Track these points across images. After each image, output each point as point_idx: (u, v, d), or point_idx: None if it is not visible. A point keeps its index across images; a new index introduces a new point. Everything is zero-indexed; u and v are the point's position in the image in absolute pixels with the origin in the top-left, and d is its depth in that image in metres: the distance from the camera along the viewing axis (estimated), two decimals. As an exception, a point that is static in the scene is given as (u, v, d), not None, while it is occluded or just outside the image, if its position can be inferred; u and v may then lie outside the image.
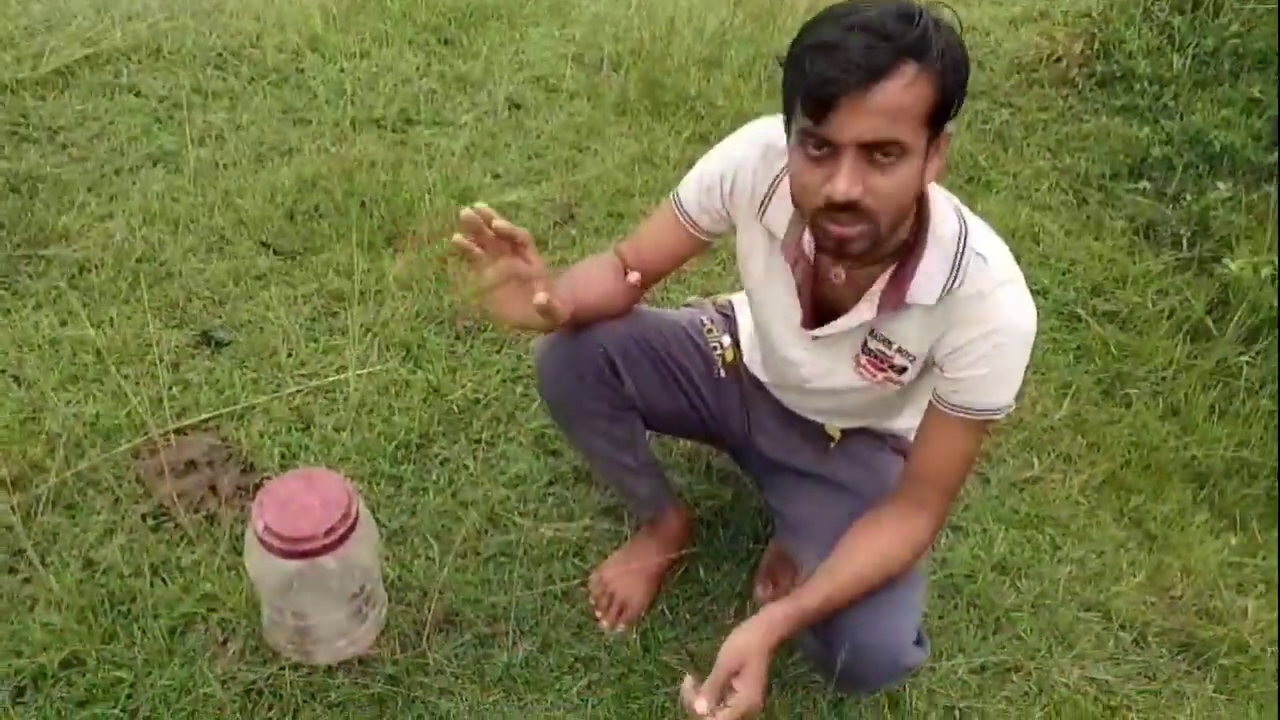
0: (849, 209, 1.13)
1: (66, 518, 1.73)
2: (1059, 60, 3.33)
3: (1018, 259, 1.29)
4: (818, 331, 1.37)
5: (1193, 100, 3.07)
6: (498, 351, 2.20)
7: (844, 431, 1.60)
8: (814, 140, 1.12)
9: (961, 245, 1.24)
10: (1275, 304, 2.47)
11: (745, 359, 1.66)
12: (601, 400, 1.56)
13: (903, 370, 1.36)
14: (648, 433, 1.70)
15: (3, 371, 1.99)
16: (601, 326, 1.51)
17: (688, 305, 1.78)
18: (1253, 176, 2.86)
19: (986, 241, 1.27)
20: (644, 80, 3.19)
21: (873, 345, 1.35)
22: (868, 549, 1.33)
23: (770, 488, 1.68)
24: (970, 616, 1.85)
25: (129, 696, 1.49)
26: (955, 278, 1.24)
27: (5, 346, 2.03)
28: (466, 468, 1.93)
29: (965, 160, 3.04)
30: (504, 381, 2.12)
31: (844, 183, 1.10)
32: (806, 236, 1.31)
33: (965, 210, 1.29)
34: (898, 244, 1.26)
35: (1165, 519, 2.12)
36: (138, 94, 2.89)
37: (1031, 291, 2.63)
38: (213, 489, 1.82)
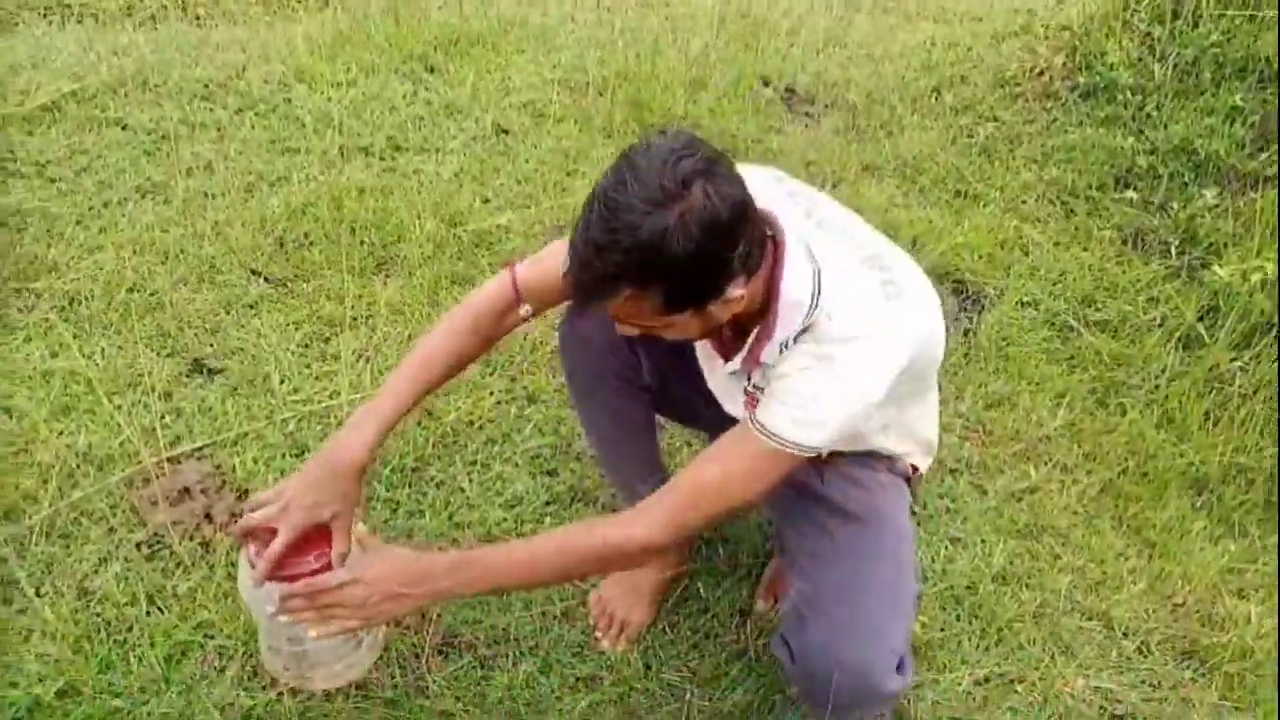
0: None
1: (61, 548, 1.71)
2: (1041, 73, 3.36)
3: (1006, 270, 1.29)
4: (728, 367, 1.39)
5: (1175, 109, 3.10)
6: (491, 374, 2.19)
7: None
8: None
9: (812, 310, 1.23)
10: (1266, 309, 2.48)
11: None
12: (618, 377, 1.58)
13: None
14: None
15: (-7, 404, 1.98)
16: None
17: None
18: (1238, 183, 2.88)
19: (845, 301, 1.23)
20: (630, 103, 3.21)
21: (749, 387, 1.38)
22: (575, 536, 1.32)
23: (768, 501, 1.66)
24: (972, 628, 1.84)
25: (125, 728, 1.47)
26: (796, 336, 1.25)
27: (-5, 379, 2.02)
28: (462, 490, 1.92)
29: (952, 174, 3.06)
30: (498, 403, 2.12)
31: (621, 329, 1.23)
32: None
33: (828, 254, 1.26)
34: (754, 318, 1.28)
35: (1164, 526, 2.11)
36: (125, 127, 2.89)
37: (1023, 303, 2.65)
38: (207, 516, 1.81)
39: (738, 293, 1.17)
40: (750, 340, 1.30)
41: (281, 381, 2.10)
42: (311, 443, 1.97)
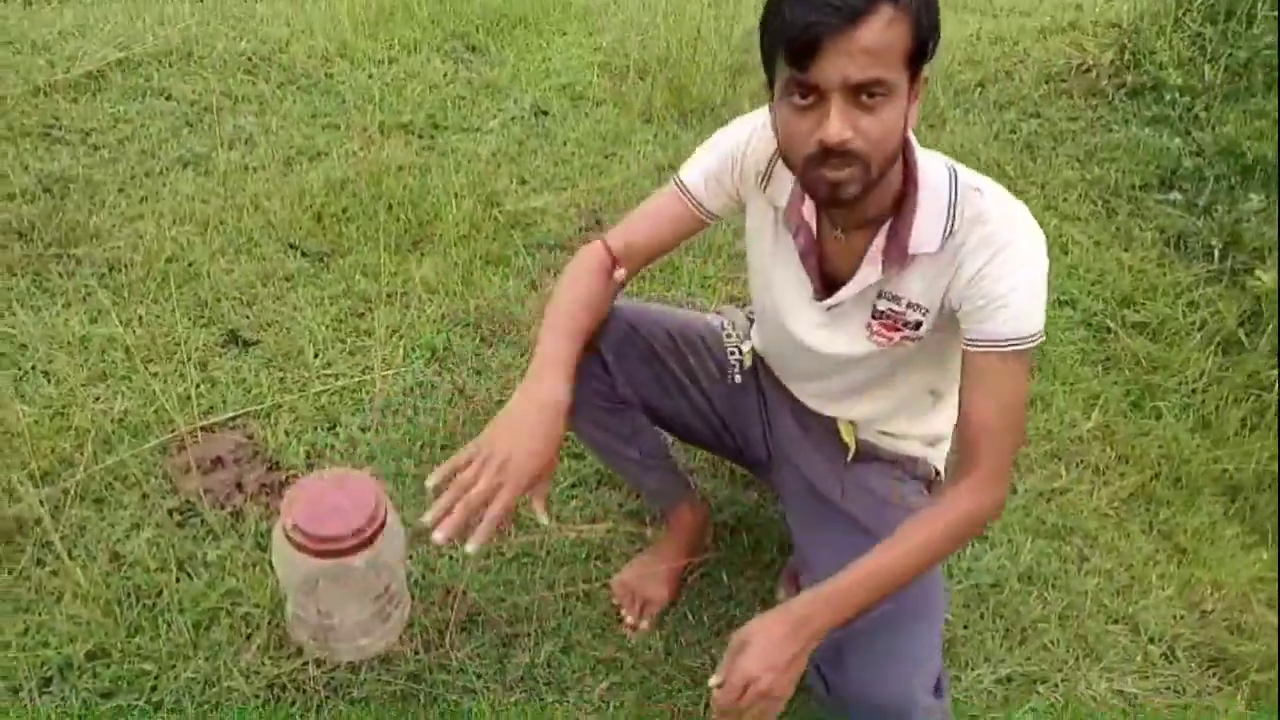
0: (840, 154, 1.13)
1: (94, 511, 1.74)
2: (1089, 70, 3.31)
3: (1049, 268, 1.27)
4: (829, 301, 1.36)
5: (1225, 111, 3.05)
6: (522, 355, 2.20)
7: (861, 447, 1.55)
8: (800, 89, 1.13)
9: (954, 187, 1.25)
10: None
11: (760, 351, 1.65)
12: (596, 395, 1.56)
13: (917, 325, 1.33)
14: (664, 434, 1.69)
15: (33, 368, 2.01)
16: (601, 325, 1.51)
17: (718, 312, 1.76)
18: (1286, 188, 2.83)
19: (980, 178, 1.27)
20: (670, 88, 3.20)
21: (882, 306, 1.34)
22: (913, 530, 1.28)
23: (788, 510, 1.65)
24: (996, 626, 1.82)
25: (153, 689, 1.49)
26: (954, 219, 1.25)
27: (36, 343, 2.05)
28: (491, 469, 1.92)
29: (992, 170, 3.02)
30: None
31: (835, 125, 1.11)
32: (806, 205, 1.32)
33: (955, 163, 1.30)
34: (891, 198, 1.27)
35: (1195, 532, 2.08)
36: (168, 98, 2.93)
37: (1060, 302, 2.62)
38: (238, 486, 1.83)
39: (921, 94, 1.18)
40: (888, 225, 1.28)
41: (315, 355, 2.12)
42: (344, 416, 1.99)
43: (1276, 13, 3.03)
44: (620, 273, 1.46)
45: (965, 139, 3.13)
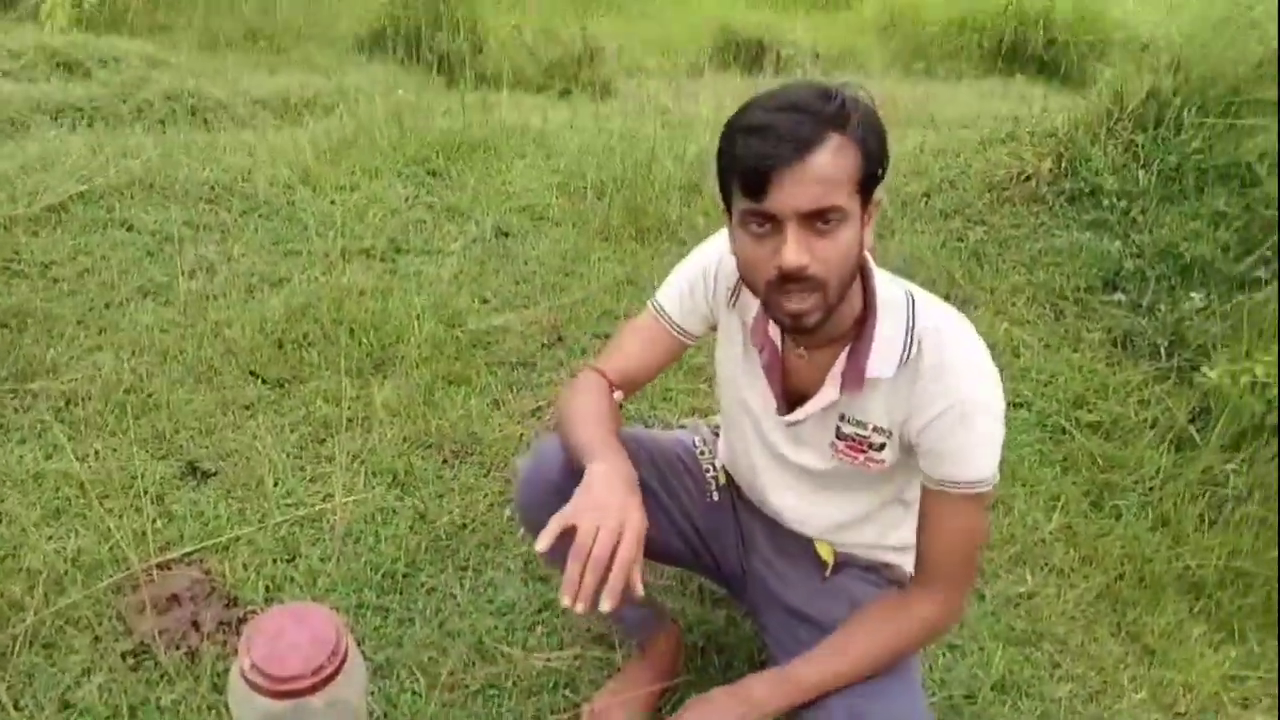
0: (799, 279, 1.17)
1: (44, 658, 1.68)
2: (1028, 179, 3.44)
3: (1001, 372, 1.31)
4: (791, 417, 1.39)
5: (1160, 214, 3.16)
6: (485, 475, 2.19)
7: (837, 557, 1.56)
8: (756, 218, 1.17)
9: (911, 317, 1.29)
10: (1256, 411, 2.49)
11: (735, 478, 1.65)
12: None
13: (881, 448, 1.36)
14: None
15: (-16, 508, 1.97)
16: None
17: (682, 427, 1.78)
18: (1224, 286, 2.92)
19: (939, 314, 1.31)
20: (627, 207, 3.28)
21: (847, 430, 1.37)
22: (870, 625, 1.34)
23: (765, 628, 1.63)
24: (972, 739, 1.80)
25: None
26: (909, 348, 1.28)
27: (-12, 482, 2.02)
28: (454, 596, 1.90)
29: (943, 277, 3.11)
30: (491, 506, 2.11)
31: (792, 252, 1.15)
32: (771, 323, 1.36)
33: (914, 287, 1.34)
34: (851, 319, 1.30)
35: (1163, 632, 2.09)
36: (130, 228, 2.95)
37: (1015, 404, 2.67)
38: (195, 625, 1.78)
39: (875, 217, 1.23)
40: (849, 347, 1.31)
41: (275, 484, 2.10)
42: (304, 547, 1.96)
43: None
44: (618, 394, 1.49)
45: (914, 247, 3.22)
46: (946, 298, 3.00)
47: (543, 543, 1.18)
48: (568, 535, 1.18)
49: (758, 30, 6.09)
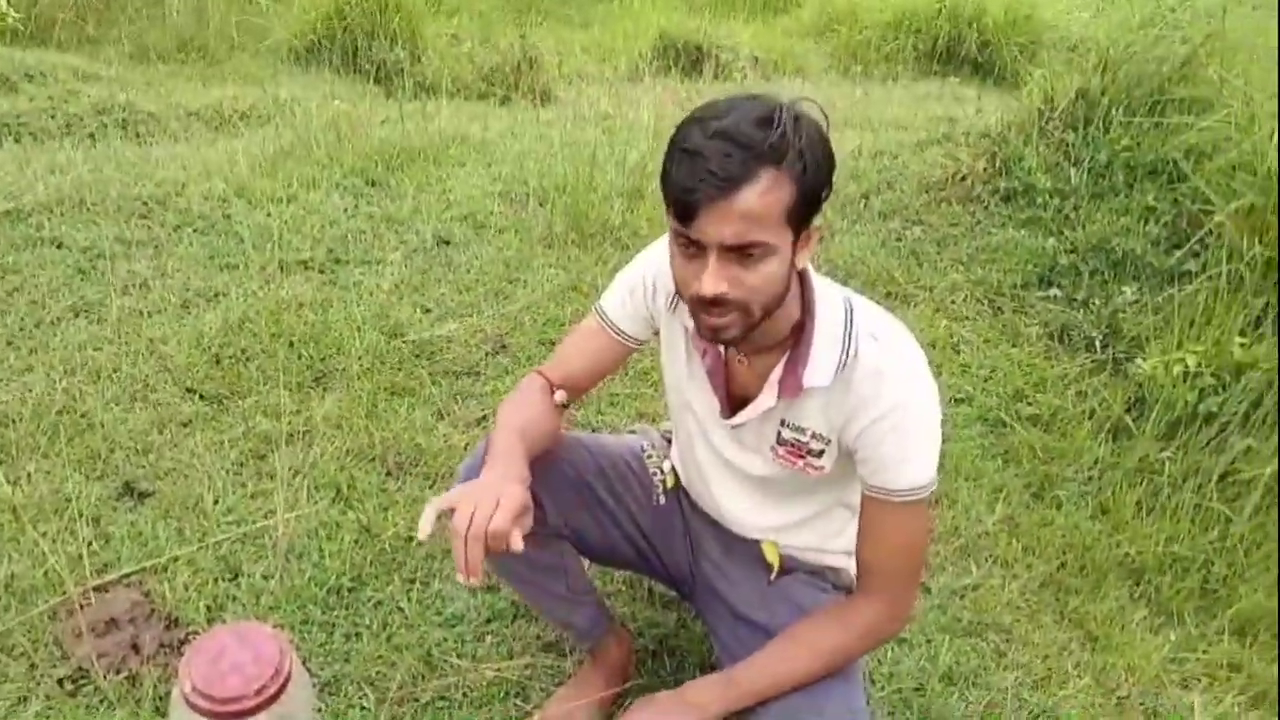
0: (718, 303, 1.19)
1: (-24, 689, 1.63)
2: (964, 178, 3.50)
3: (939, 369, 1.33)
4: (733, 420, 1.40)
5: (1092, 210, 3.24)
6: (430, 486, 2.17)
7: (784, 561, 1.56)
8: (683, 239, 1.19)
9: (849, 325, 1.30)
10: (1189, 400, 2.56)
11: (683, 480, 1.66)
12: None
13: (820, 454, 1.38)
14: (585, 561, 1.67)
15: (-90, 536, 1.91)
16: None
17: (631, 432, 1.78)
18: (1155, 279, 3.00)
19: (877, 322, 1.32)
20: (569, 213, 3.28)
21: (786, 435, 1.39)
22: (814, 632, 1.35)
23: (714, 631, 1.63)
24: (921, 731, 1.82)
25: None
26: (845, 356, 1.29)
27: (-86, 509, 1.95)
28: (401, 609, 1.88)
29: (883, 277, 3.15)
30: (438, 517, 2.08)
31: (709, 282, 1.17)
32: None
33: (853, 295, 1.36)
34: (789, 328, 1.32)
35: (1105, 618, 2.13)
36: (60, 246, 2.88)
37: (956, 400, 2.71)
38: (134, 648, 1.74)
39: (815, 241, 1.24)
40: (787, 356, 1.32)
41: (215, 502, 2.06)
42: (246, 565, 1.92)
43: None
44: (560, 394, 1.50)
45: (854, 249, 3.26)
46: (887, 296, 3.07)
47: (423, 530, 1.21)
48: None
49: (696, 35, 6.11)
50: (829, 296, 1.33)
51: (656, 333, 1.51)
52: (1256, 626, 2.18)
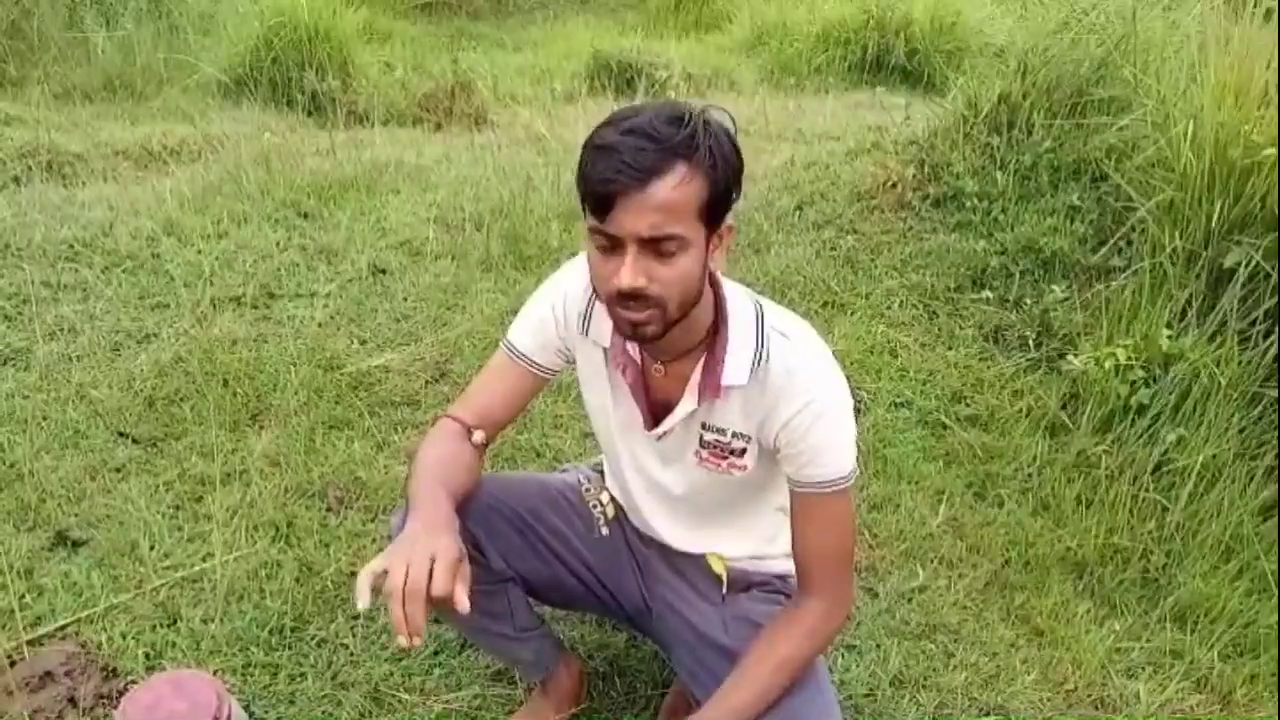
0: (636, 297, 1.21)
1: (-99, 756, 1.58)
2: (894, 186, 3.55)
3: (877, 375, 1.36)
4: (658, 430, 1.42)
5: (1020, 212, 3.30)
6: (371, 520, 2.15)
7: (732, 574, 1.56)
8: (600, 235, 1.21)
9: (760, 324, 1.35)
10: (1122, 394, 2.61)
11: (624, 506, 1.65)
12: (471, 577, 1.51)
13: (742, 453, 1.40)
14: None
15: None
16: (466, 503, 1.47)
17: (563, 470, 1.77)
18: (1084, 277, 3.07)
19: (785, 322, 1.37)
20: (506, 237, 3.27)
21: (708, 438, 1.41)
22: (764, 650, 1.36)
23: (679, 662, 1.61)
24: (874, 736, 1.83)
25: None
26: (760, 354, 1.33)
27: None
28: (346, 646, 1.85)
29: (819, 286, 3.18)
30: (379, 551, 2.06)
31: (627, 275, 1.20)
32: (630, 344, 1.38)
33: (761, 298, 1.40)
34: (704, 331, 1.35)
35: (1050, 612, 2.16)
36: (-18, 293, 2.81)
37: (895, 404, 2.74)
38: (71, 701, 1.70)
39: (726, 243, 1.27)
40: (704, 359, 1.34)
41: (151, 547, 2.01)
42: (185, 609, 1.88)
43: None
44: (479, 434, 1.48)
45: (790, 259, 3.29)
46: (824, 306, 3.10)
47: (361, 601, 1.16)
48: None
49: (630, 54, 6.13)
50: (739, 299, 1.37)
51: (571, 362, 1.51)
52: (1196, 613, 2.22)
